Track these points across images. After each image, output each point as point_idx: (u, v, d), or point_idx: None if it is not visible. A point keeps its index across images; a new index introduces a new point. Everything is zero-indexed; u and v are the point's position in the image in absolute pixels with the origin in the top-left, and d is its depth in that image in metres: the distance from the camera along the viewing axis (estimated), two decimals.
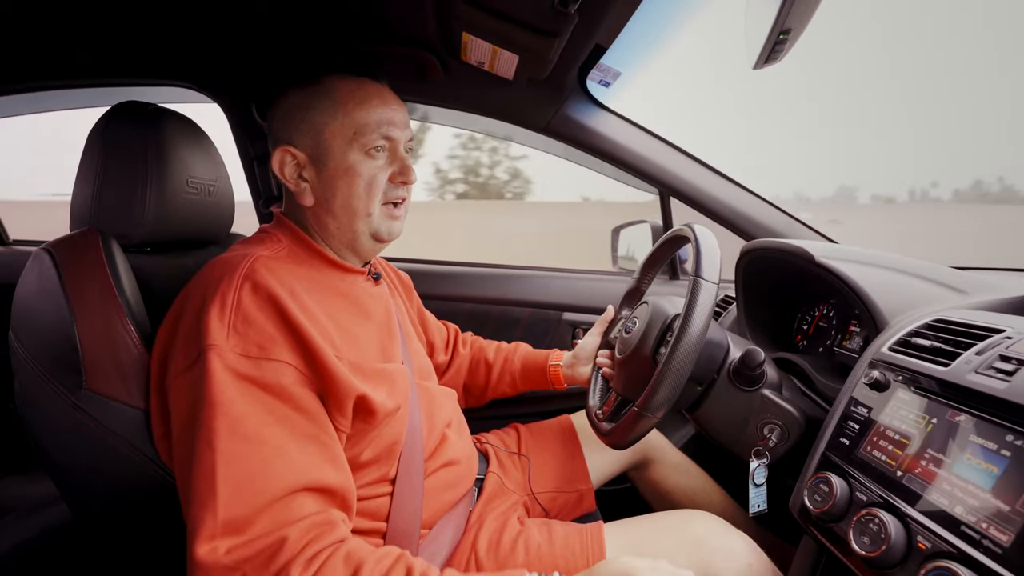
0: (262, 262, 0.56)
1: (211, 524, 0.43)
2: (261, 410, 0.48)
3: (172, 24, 0.83)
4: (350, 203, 0.62)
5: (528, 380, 0.94)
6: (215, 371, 0.48)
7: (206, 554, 0.43)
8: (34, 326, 0.58)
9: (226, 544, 0.43)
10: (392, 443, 0.62)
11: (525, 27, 0.68)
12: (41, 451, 0.60)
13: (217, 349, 0.49)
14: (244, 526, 0.44)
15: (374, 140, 0.61)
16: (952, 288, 0.68)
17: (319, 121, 0.61)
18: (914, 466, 0.49)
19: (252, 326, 0.51)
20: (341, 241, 0.65)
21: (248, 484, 0.45)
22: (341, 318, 0.60)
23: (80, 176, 0.64)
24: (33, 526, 0.94)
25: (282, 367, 0.50)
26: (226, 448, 0.46)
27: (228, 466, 0.45)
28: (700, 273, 0.62)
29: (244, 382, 0.48)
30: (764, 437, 0.67)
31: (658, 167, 1.05)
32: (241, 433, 0.46)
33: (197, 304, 0.53)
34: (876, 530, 0.46)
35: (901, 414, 0.53)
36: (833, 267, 0.68)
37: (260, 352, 0.50)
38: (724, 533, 0.65)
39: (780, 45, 0.46)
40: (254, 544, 0.44)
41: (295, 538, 0.44)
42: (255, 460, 0.46)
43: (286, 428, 0.49)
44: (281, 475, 0.46)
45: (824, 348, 0.84)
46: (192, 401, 0.49)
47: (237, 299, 0.51)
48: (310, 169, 0.62)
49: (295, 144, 0.61)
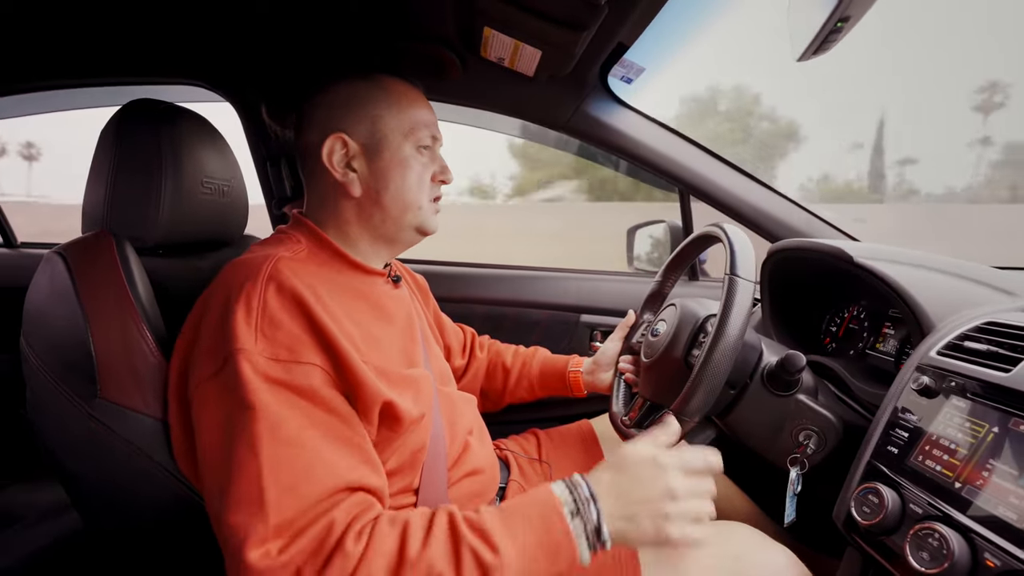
0: (285, 263, 0.54)
1: (262, 529, 0.43)
2: (298, 414, 0.47)
3: (185, 22, 0.81)
4: (402, 194, 0.63)
5: (546, 386, 0.92)
6: (247, 376, 0.46)
7: (259, 559, 0.42)
8: (46, 332, 0.56)
9: (278, 545, 0.43)
10: (416, 451, 0.60)
11: (552, 20, 0.66)
12: (53, 459, 0.58)
13: (246, 353, 0.47)
14: (295, 526, 0.44)
15: (424, 138, 0.64)
16: (999, 289, 0.66)
17: (376, 113, 0.62)
18: (974, 477, 0.46)
19: (279, 328, 0.49)
20: (382, 235, 0.65)
21: (295, 487, 0.44)
22: (364, 321, 0.59)
23: (92, 176, 0.62)
24: (43, 535, 0.92)
25: (311, 369, 0.49)
26: (270, 453, 0.45)
27: (274, 471, 0.44)
28: (735, 271, 0.59)
29: (277, 386, 0.47)
30: (801, 444, 0.65)
31: (679, 165, 1.03)
32: (283, 437, 0.45)
33: (220, 307, 0.51)
34: (937, 545, 0.44)
35: (956, 422, 0.50)
36: (874, 268, 0.66)
37: (289, 355, 0.49)
38: (763, 546, 0.62)
39: (835, 34, 0.43)
40: (305, 537, 0.43)
41: (341, 519, 0.45)
42: (299, 463, 0.45)
43: (322, 431, 0.48)
44: (324, 477, 0.46)
45: (855, 351, 0.82)
46: (225, 407, 0.47)
47: (263, 301, 0.50)
48: (361, 159, 0.62)
49: (348, 132, 0.61)
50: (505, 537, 0.45)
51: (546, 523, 0.46)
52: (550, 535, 0.46)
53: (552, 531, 0.46)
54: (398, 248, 0.68)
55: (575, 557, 0.46)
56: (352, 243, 0.65)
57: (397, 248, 0.68)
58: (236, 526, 0.44)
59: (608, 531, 0.47)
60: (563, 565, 0.46)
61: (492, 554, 0.44)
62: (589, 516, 0.47)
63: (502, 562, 0.44)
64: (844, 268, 0.71)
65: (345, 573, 0.42)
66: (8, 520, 0.97)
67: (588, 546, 0.46)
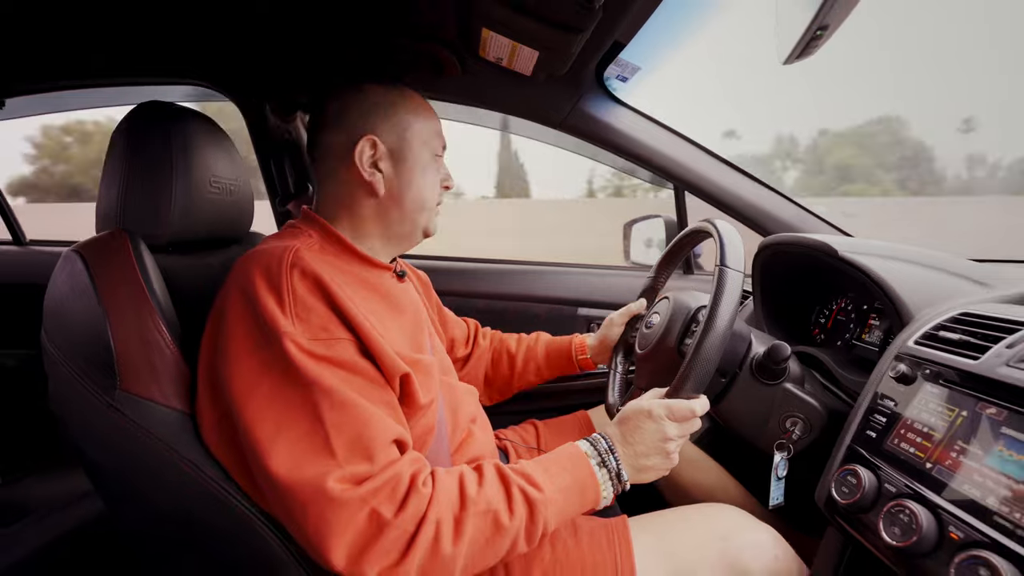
0: (303, 251, 0.57)
1: (339, 473, 0.48)
2: (343, 383, 0.52)
3: (186, 21, 0.82)
4: (421, 196, 0.69)
5: (553, 367, 0.95)
6: (296, 356, 0.51)
7: (342, 490, 0.48)
8: (67, 328, 0.58)
9: (354, 484, 0.49)
10: (423, 438, 0.63)
11: (548, 23, 0.68)
12: (77, 449, 0.60)
13: (290, 336, 0.51)
14: (366, 473, 0.50)
15: (438, 147, 0.70)
16: (975, 281, 0.69)
17: (404, 120, 0.67)
18: (944, 458, 0.49)
19: (312, 311, 0.54)
20: (397, 233, 0.69)
21: (358, 443, 0.50)
22: (376, 309, 0.62)
23: (105, 177, 0.65)
24: (58, 525, 0.95)
25: (346, 344, 0.54)
26: (332, 418, 0.50)
27: (339, 433, 0.50)
28: (725, 262, 0.62)
29: (323, 362, 0.52)
30: (787, 431, 0.68)
31: (673, 162, 1.05)
32: (339, 402, 0.51)
33: (245, 296, 0.54)
34: (907, 520, 0.47)
35: (929, 407, 0.53)
36: (856, 261, 0.69)
37: (326, 334, 0.53)
38: (749, 526, 0.65)
39: (816, 41, 0.46)
40: (377, 481, 0.49)
41: (405, 470, 0.52)
42: (357, 423, 0.51)
43: (366, 396, 0.53)
44: (378, 432, 0.52)
45: (842, 342, 0.85)
46: (276, 384, 0.51)
47: (292, 287, 0.54)
48: (387, 162, 0.66)
49: (379, 135, 0.65)
50: (546, 479, 0.56)
51: (576, 467, 0.58)
52: (580, 477, 0.57)
53: (582, 474, 0.58)
54: (405, 246, 0.72)
55: (599, 496, 0.58)
56: (363, 239, 0.68)
57: (404, 246, 0.72)
58: (307, 478, 0.48)
59: (626, 473, 0.59)
60: (589, 502, 0.58)
61: (536, 490, 0.54)
62: (611, 464, 0.59)
63: (546, 496, 0.54)
64: (830, 262, 0.74)
65: (420, 508, 0.50)
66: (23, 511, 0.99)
67: (612, 487, 0.59)
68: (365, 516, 0.48)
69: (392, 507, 0.49)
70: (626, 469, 0.60)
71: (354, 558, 0.48)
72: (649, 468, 0.61)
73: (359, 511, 0.48)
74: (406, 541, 0.49)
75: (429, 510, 0.50)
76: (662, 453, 0.61)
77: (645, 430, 0.60)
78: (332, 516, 0.47)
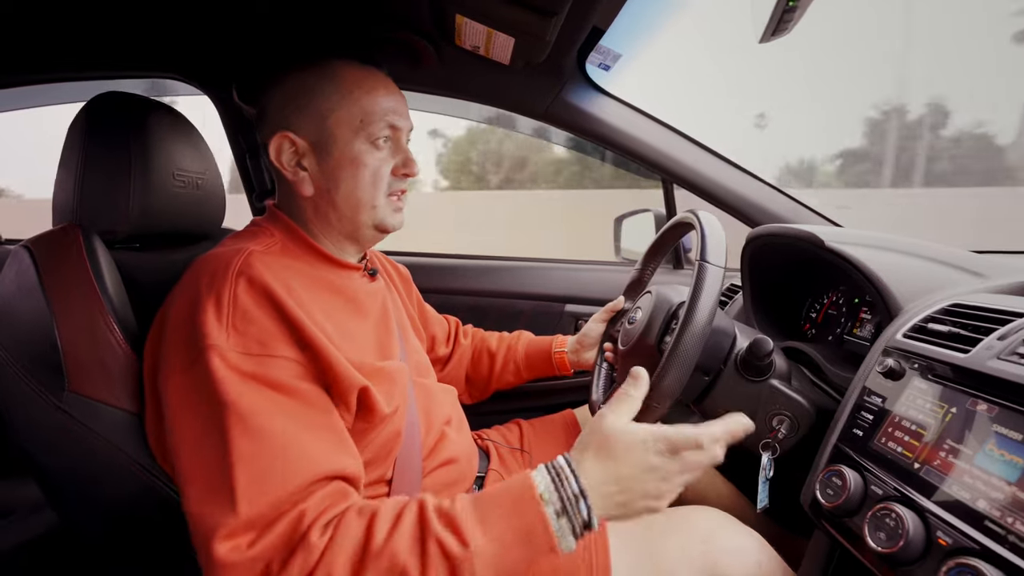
0: (256, 257, 0.54)
1: (232, 523, 0.42)
2: (271, 406, 0.47)
3: (156, 12, 0.80)
4: (355, 194, 0.60)
5: (533, 368, 0.92)
6: (219, 371, 0.46)
7: (229, 552, 0.42)
8: (13, 326, 0.56)
9: (248, 539, 0.43)
10: (389, 445, 0.60)
11: (521, 6, 0.65)
12: (25, 453, 0.58)
13: (218, 350, 0.47)
14: (266, 519, 0.43)
15: (380, 130, 0.60)
16: (969, 271, 0.65)
17: (324, 107, 0.59)
18: (932, 458, 0.46)
19: (252, 323, 0.49)
20: (341, 232, 0.64)
21: (267, 480, 0.44)
22: (338, 316, 0.58)
23: (61, 170, 0.62)
24: (28, 530, 0.93)
25: (285, 363, 0.49)
26: (241, 447, 0.44)
27: (245, 465, 0.44)
28: (705, 257, 0.60)
29: (249, 380, 0.47)
30: (773, 429, 0.65)
31: (661, 153, 1.02)
32: (254, 429, 0.45)
33: (189, 302, 0.51)
34: (893, 525, 0.44)
35: (917, 403, 0.50)
36: (843, 251, 0.66)
37: (262, 349, 0.49)
38: (732, 530, 0.63)
39: (788, 15, 0.43)
40: (275, 530, 0.43)
41: (311, 510, 0.44)
42: (270, 456, 0.45)
43: (296, 421, 0.47)
44: (298, 468, 0.45)
45: (834, 336, 0.82)
46: (197, 403, 0.47)
47: (233, 296, 0.50)
48: (311, 157, 0.60)
49: (296, 130, 0.59)
50: (476, 526, 0.43)
51: (520, 512, 0.44)
52: (526, 523, 0.44)
53: (527, 520, 0.44)
54: (362, 244, 0.67)
55: (554, 545, 0.43)
56: (321, 238, 0.64)
57: (361, 244, 0.67)
58: (206, 518, 0.44)
59: (597, 521, 0.45)
60: (541, 551, 0.43)
61: (460, 546, 0.42)
62: (577, 515, 0.44)
63: (471, 554, 0.42)
64: (819, 254, 0.71)
65: (308, 567, 0.42)
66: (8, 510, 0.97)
67: (575, 535, 0.44)
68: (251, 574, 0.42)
69: (279, 565, 0.42)
70: (601, 514, 0.45)
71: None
72: (637, 511, 0.48)
73: (247, 572, 0.42)
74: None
75: (318, 567, 0.42)
76: (656, 495, 0.47)
77: (634, 466, 0.47)
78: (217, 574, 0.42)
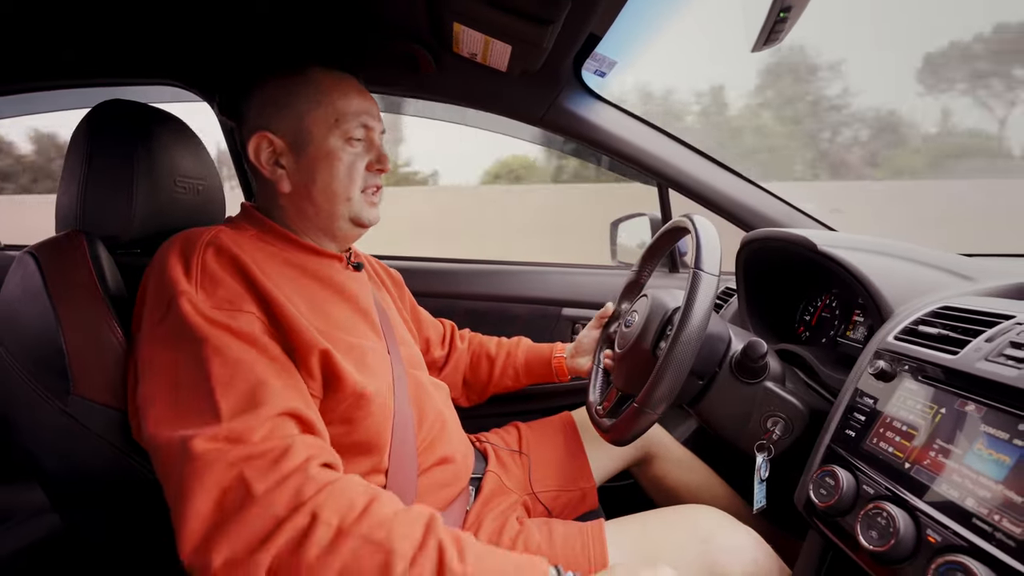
0: (226, 234, 0.56)
1: (214, 430, 0.43)
2: (240, 349, 0.49)
3: (158, 20, 0.81)
4: (330, 187, 0.63)
5: (532, 374, 0.93)
6: (191, 316, 0.48)
7: (207, 450, 0.42)
8: (18, 331, 0.57)
9: (228, 444, 0.43)
10: (377, 427, 0.60)
11: (517, 15, 0.67)
12: (29, 456, 0.58)
13: (188, 295, 0.49)
14: (249, 434, 0.44)
15: (354, 128, 0.63)
16: (958, 275, 0.67)
17: (301, 108, 0.62)
18: (922, 458, 0.47)
19: (219, 286, 0.52)
20: (318, 227, 0.66)
21: (247, 400, 0.46)
22: (312, 295, 0.60)
23: (65, 177, 0.63)
24: (28, 535, 0.93)
25: (251, 318, 0.51)
26: (220, 372, 0.46)
27: (227, 390, 0.46)
28: (700, 265, 0.61)
29: (218, 328, 0.49)
30: (768, 430, 0.66)
31: (656, 158, 1.03)
32: (231, 359, 0.47)
33: (159, 271, 0.53)
34: (884, 524, 0.45)
35: (908, 404, 0.51)
36: (836, 255, 0.67)
37: (230, 306, 0.51)
38: (730, 528, 0.63)
39: (780, 24, 0.44)
40: (256, 447, 0.44)
41: (297, 447, 0.45)
42: (248, 382, 0.47)
43: (264, 366, 0.49)
44: (271, 397, 0.47)
45: (827, 339, 0.83)
46: (172, 345, 0.49)
47: (202, 262, 0.52)
48: (288, 156, 0.63)
49: (274, 130, 0.62)
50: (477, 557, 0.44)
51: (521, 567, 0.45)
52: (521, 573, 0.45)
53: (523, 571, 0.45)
54: (341, 239, 0.69)
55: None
56: (302, 233, 0.66)
57: (340, 239, 0.69)
58: (182, 435, 0.43)
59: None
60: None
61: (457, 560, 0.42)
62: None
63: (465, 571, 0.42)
64: (813, 257, 0.72)
65: (303, 493, 0.42)
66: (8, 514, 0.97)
67: None
68: (229, 482, 0.41)
69: (266, 482, 0.41)
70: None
71: (204, 536, 0.40)
72: None
73: (224, 474, 0.41)
74: (269, 527, 0.40)
75: (313, 498, 0.42)
76: None
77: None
78: (192, 479, 0.41)
